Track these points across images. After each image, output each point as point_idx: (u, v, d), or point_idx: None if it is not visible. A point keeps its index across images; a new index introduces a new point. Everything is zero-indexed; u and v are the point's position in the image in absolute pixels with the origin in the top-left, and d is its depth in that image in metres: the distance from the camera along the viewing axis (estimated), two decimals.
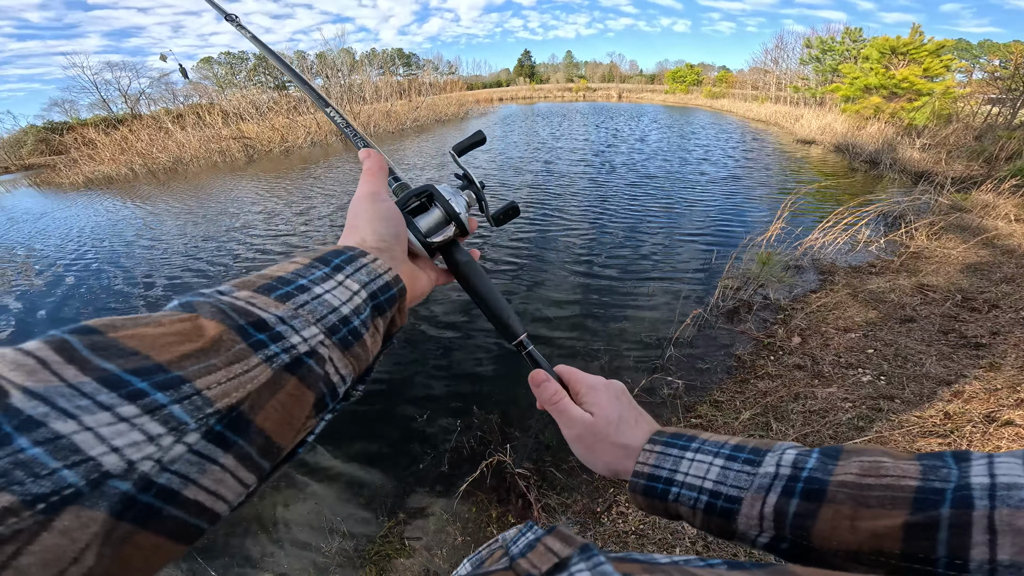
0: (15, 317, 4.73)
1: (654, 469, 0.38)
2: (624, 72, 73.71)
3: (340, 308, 0.29)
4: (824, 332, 3.02)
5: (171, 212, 8.57)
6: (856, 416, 2.15)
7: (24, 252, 7.06)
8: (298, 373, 0.25)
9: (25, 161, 28.45)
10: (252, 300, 0.26)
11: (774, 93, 28.40)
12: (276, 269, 0.30)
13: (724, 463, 0.35)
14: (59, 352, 0.18)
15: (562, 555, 0.31)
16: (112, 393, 0.18)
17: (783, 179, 8.54)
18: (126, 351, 0.20)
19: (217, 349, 0.22)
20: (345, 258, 0.32)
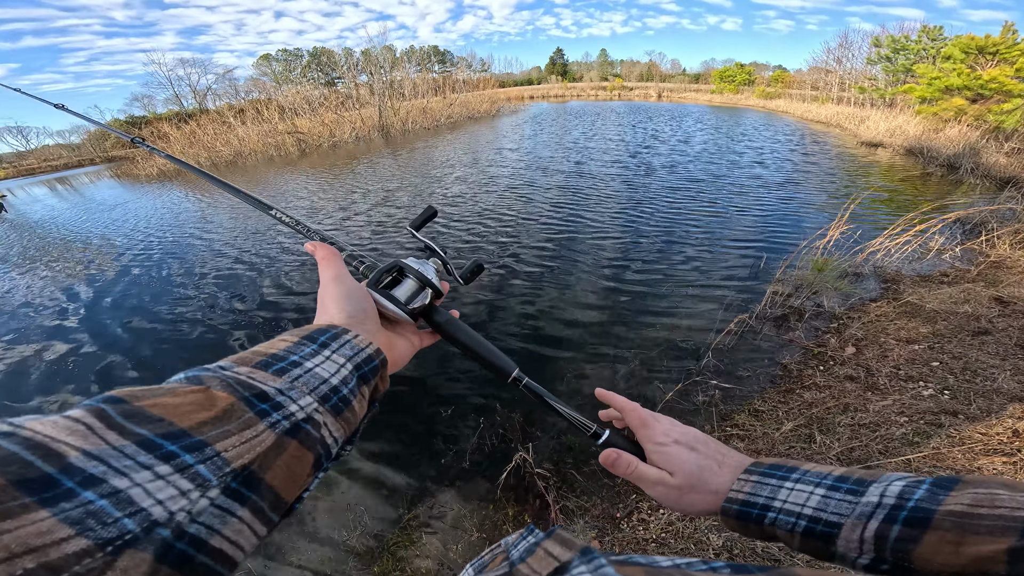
0: (84, 305, 5.30)
1: (749, 496, 0.42)
2: (664, 71, 72.87)
3: (330, 379, 0.34)
4: (883, 343, 2.88)
5: (227, 206, 9.48)
6: (912, 431, 2.04)
7: (99, 241, 7.96)
8: (298, 437, 0.30)
9: (108, 153, 32.40)
10: (252, 375, 0.30)
11: (836, 94, 27.63)
12: (268, 347, 0.35)
13: (825, 492, 0.39)
14: (100, 419, 0.22)
15: (562, 559, 0.34)
16: (149, 454, 0.22)
17: (844, 182, 8.15)
18: (153, 417, 0.24)
19: (229, 417, 0.27)
20: (330, 335, 0.37)
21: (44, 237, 9.04)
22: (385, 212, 7.57)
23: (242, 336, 4.09)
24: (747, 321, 3.46)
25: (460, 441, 2.67)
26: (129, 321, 4.65)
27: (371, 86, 25.83)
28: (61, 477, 0.19)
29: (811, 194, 7.41)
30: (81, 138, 37.55)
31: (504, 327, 3.82)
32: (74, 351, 4.18)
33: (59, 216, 11.47)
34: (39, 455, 0.20)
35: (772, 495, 0.41)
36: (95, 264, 6.61)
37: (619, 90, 49.58)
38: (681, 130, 15.99)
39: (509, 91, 51.92)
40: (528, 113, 27.82)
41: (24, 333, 4.68)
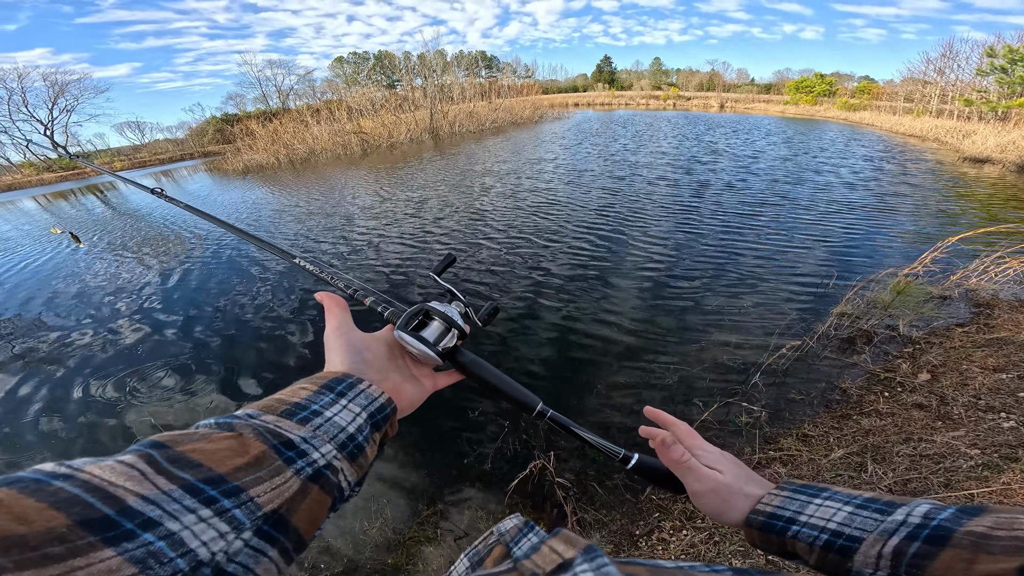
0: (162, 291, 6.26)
1: (776, 509, 0.49)
2: (729, 81, 73.84)
3: (347, 427, 0.41)
4: (964, 370, 2.86)
5: (302, 201, 10.89)
6: (982, 464, 2.05)
7: (187, 233, 9.11)
8: (320, 482, 0.36)
9: (205, 148, 37.42)
10: (279, 424, 0.36)
11: (935, 106, 27.46)
12: (291, 395, 0.41)
13: (853, 510, 0.45)
14: (150, 464, 0.28)
15: (566, 556, 0.38)
16: (194, 498, 0.27)
17: (943, 201, 8.02)
18: (194, 463, 0.29)
19: (261, 464, 0.32)
20: (346, 385, 0.44)
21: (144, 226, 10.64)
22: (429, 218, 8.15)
23: (295, 332, 4.60)
24: (807, 342, 3.53)
25: (484, 443, 2.91)
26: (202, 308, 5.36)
27: (424, 89, 28.99)
28: (121, 519, 0.24)
29: (900, 212, 7.31)
30: (185, 133, 44.23)
31: (536, 338, 4.05)
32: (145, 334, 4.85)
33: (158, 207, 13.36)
34: (99, 497, 0.24)
35: (800, 509, 0.48)
36: (178, 255, 7.67)
37: (674, 99, 50.51)
38: (745, 140, 16.13)
39: (553, 98, 54.46)
40: (572, 121, 29.10)
41: (105, 313, 5.52)
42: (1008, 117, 17.38)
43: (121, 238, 9.50)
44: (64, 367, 4.35)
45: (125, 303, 5.76)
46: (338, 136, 21.83)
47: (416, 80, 33.05)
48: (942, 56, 29.52)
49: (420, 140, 22.73)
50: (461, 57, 49.40)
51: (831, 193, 8.71)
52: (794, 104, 41.40)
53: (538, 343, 3.97)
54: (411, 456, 2.89)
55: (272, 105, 46.08)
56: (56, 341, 4.90)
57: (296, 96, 47.54)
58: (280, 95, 47.86)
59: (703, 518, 2.23)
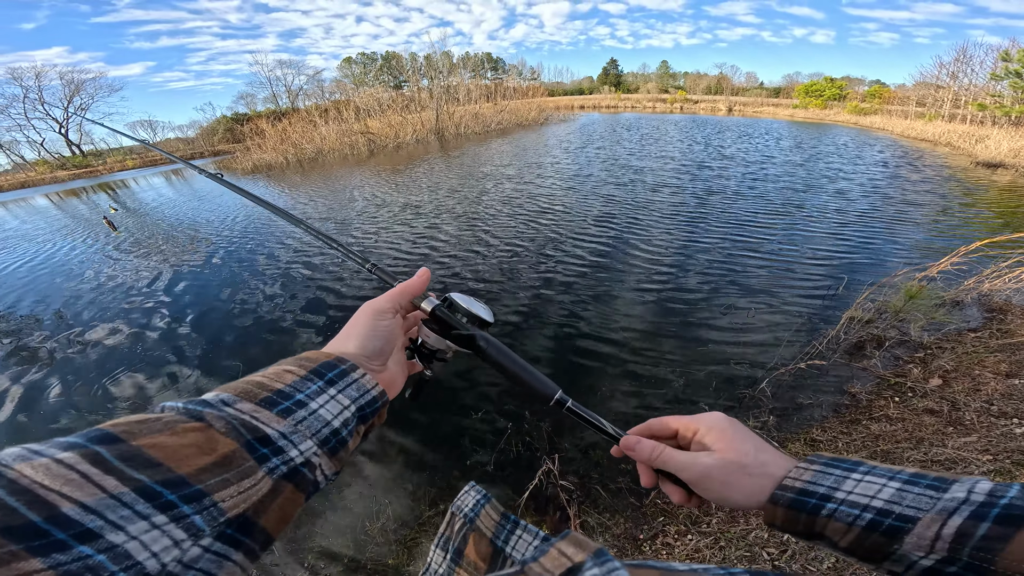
0: (173, 284, 6.33)
1: (808, 485, 0.42)
2: (737, 84, 73.48)
3: (332, 422, 0.38)
4: (977, 375, 2.82)
5: (309, 201, 11.04)
6: (993, 471, 2.02)
7: (195, 230, 9.28)
8: (294, 480, 0.34)
9: (215, 147, 38.32)
10: (256, 414, 0.34)
11: (948, 110, 27.41)
12: (274, 378, 0.38)
13: (901, 486, 0.39)
14: (95, 464, 0.24)
15: (575, 560, 0.36)
16: (148, 504, 0.25)
17: (955, 205, 7.93)
18: (152, 461, 0.26)
19: (229, 464, 0.30)
20: (338, 372, 0.42)
21: (154, 223, 10.89)
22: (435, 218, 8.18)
23: (303, 319, 4.62)
24: (816, 346, 3.50)
25: (486, 444, 2.90)
26: (211, 301, 5.43)
27: (431, 90, 29.36)
28: (50, 527, 0.21)
29: (911, 216, 7.23)
30: (196, 132, 45.42)
31: (538, 341, 4.04)
32: (155, 327, 4.92)
33: (169, 203, 13.83)
34: (24, 501, 0.21)
35: (836, 485, 0.42)
36: (189, 251, 7.81)
37: (681, 102, 50.38)
38: (754, 144, 16.05)
39: (558, 100, 54.58)
40: (577, 123, 29.17)
41: (120, 306, 5.61)
42: (1022, 122, 17.16)
43: (140, 235, 9.62)
44: (72, 362, 4.40)
45: (136, 298, 5.83)
46: (345, 136, 22.17)
47: (422, 81, 33.56)
48: (956, 60, 29.48)
49: (426, 141, 22.94)
50: (467, 59, 50.35)
51: (841, 197, 8.64)
52: (803, 108, 41.16)
53: (540, 346, 3.96)
54: (413, 457, 2.88)
55: (282, 105, 46.95)
56: (69, 336, 4.96)
57: (305, 96, 48.40)
58: (290, 95, 48.81)
59: (708, 522, 2.21)
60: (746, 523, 2.12)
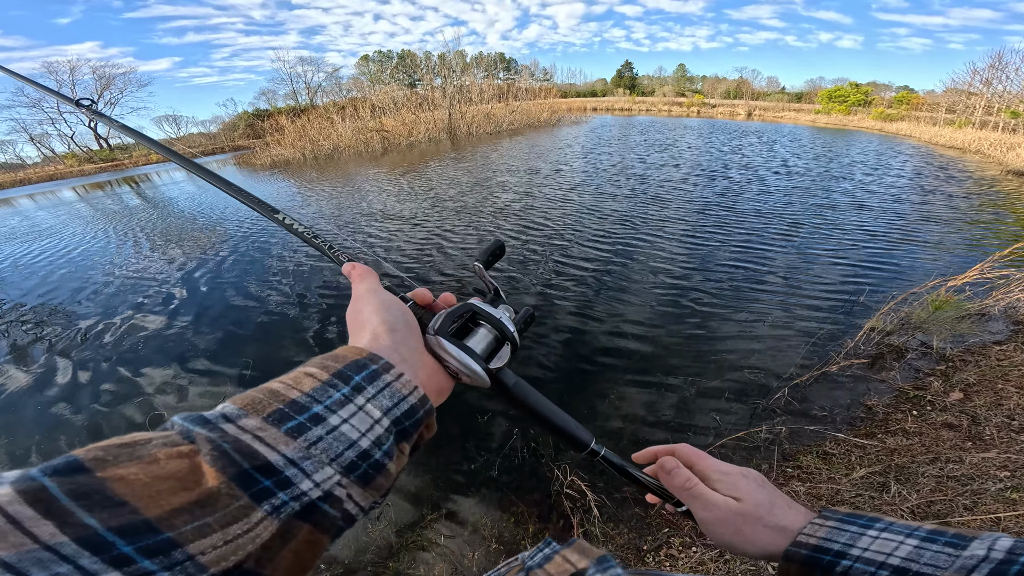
0: (194, 277, 6.49)
1: (823, 541, 0.42)
2: (758, 89, 72.45)
3: (359, 441, 0.30)
4: (1000, 390, 2.73)
5: (324, 197, 11.20)
6: (1011, 487, 1.95)
7: (211, 226, 9.42)
8: (312, 520, 0.27)
9: (235, 143, 38.96)
10: (260, 434, 0.27)
11: (979, 117, 26.87)
12: (291, 384, 0.32)
13: (919, 543, 0.38)
14: (34, 504, 0.19)
15: (579, 566, 0.36)
16: (95, 557, 0.19)
17: (985, 214, 7.69)
18: (113, 500, 0.21)
19: (214, 504, 0.23)
20: (367, 375, 0.34)
21: (175, 216, 11.19)
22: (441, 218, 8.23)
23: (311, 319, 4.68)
24: (834, 356, 3.42)
25: (491, 449, 2.88)
26: (225, 294, 5.53)
27: (444, 89, 29.64)
28: None
29: (938, 225, 7.04)
30: (217, 128, 45.87)
31: (546, 343, 4.01)
32: (172, 321, 5.02)
33: (188, 197, 14.10)
34: None
35: (851, 542, 0.41)
36: (207, 247, 7.94)
37: (699, 106, 49.88)
38: (771, 147, 15.80)
39: (571, 102, 54.56)
40: (589, 125, 29.13)
41: (135, 299, 5.75)
42: None
43: (153, 228, 9.85)
44: (80, 355, 4.52)
45: (147, 293, 5.96)
46: (361, 134, 22.39)
47: (436, 80, 33.74)
48: (990, 67, 28.91)
49: (438, 139, 23.13)
50: (480, 58, 50.79)
51: (863, 204, 8.45)
52: (826, 114, 40.49)
53: (548, 348, 3.93)
54: (416, 458, 2.88)
55: (301, 101, 47.53)
56: (83, 328, 5.10)
57: (324, 93, 49.13)
58: (309, 92, 49.46)
59: None
60: None
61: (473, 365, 0.43)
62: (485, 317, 0.48)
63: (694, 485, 0.50)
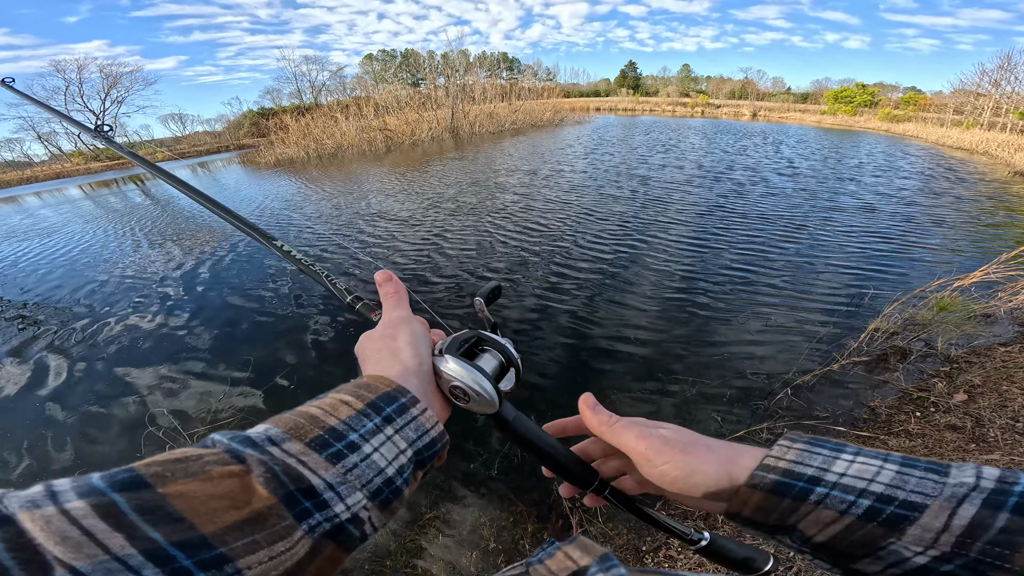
0: (192, 278, 6.55)
1: (793, 464, 0.36)
2: (763, 89, 72.16)
3: (386, 469, 0.34)
4: (1004, 391, 2.71)
5: (327, 197, 11.23)
6: None
7: (211, 225, 9.36)
8: (337, 539, 0.30)
9: (240, 141, 39.28)
10: (303, 458, 0.30)
11: (987, 118, 26.77)
12: (329, 410, 0.34)
13: (899, 468, 0.33)
14: (105, 517, 0.21)
15: (580, 563, 0.35)
16: (157, 569, 0.21)
17: (992, 215, 7.65)
18: (173, 516, 0.23)
19: (263, 522, 0.26)
20: (398, 407, 0.37)
21: (177, 215, 11.25)
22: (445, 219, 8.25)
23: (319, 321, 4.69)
24: (837, 358, 3.40)
25: (490, 448, 2.88)
26: (229, 295, 5.58)
27: (447, 88, 29.74)
28: None
29: (945, 226, 7.00)
30: (223, 126, 46.41)
31: (546, 343, 4.01)
32: (173, 321, 5.04)
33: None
34: (20, 560, 0.19)
35: (825, 466, 0.35)
36: (209, 244, 8.03)
37: (703, 107, 49.72)
38: (777, 148, 15.73)
39: (574, 101, 54.55)
40: (592, 125, 29.11)
41: (139, 298, 5.77)
42: None
43: (154, 227, 9.92)
44: (88, 353, 4.55)
45: (145, 292, 6.00)
46: (364, 133, 22.49)
47: (439, 79, 33.89)
48: (999, 68, 28.82)
49: (441, 139, 23.22)
50: (483, 58, 50.89)
51: (870, 205, 8.40)
52: (832, 114, 40.30)
53: (548, 349, 3.92)
54: None
55: (306, 100, 47.88)
56: (88, 326, 5.14)
57: (328, 92, 49.32)
58: (313, 90, 49.68)
59: None
60: (752, 539, 2.06)
61: (485, 384, 0.44)
62: (491, 343, 0.49)
63: (617, 420, 0.45)
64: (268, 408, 3.39)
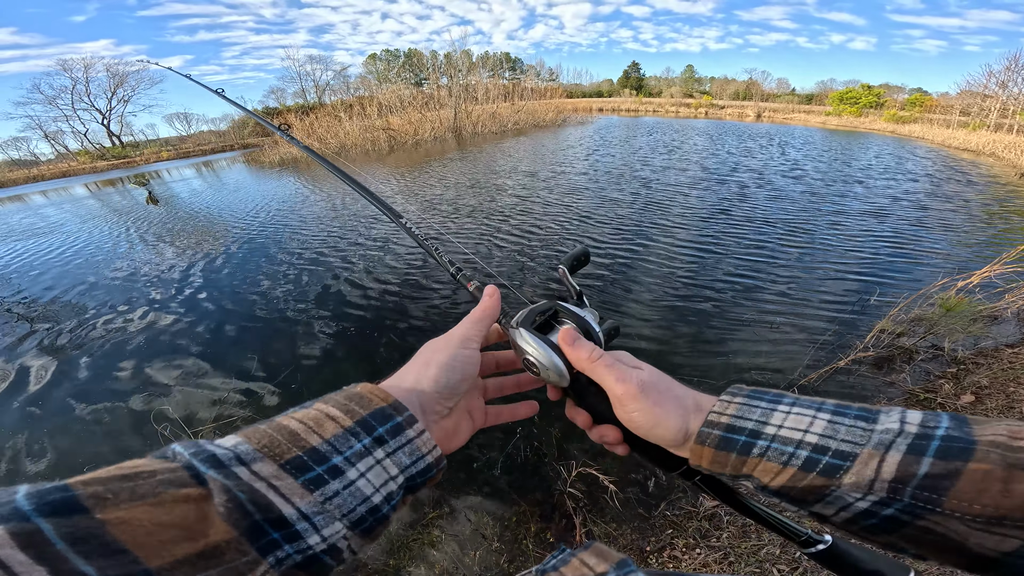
0: (197, 276, 6.58)
1: (734, 419, 0.37)
2: (768, 90, 71.93)
3: (372, 497, 0.30)
4: (1012, 393, 2.70)
5: (327, 197, 11.25)
6: None
7: (216, 222, 9.59)
8: (310, 570, 0.27)
9: (244, 141, 39.81)
10: (276, 483, 0.26)
11: (994, 120, 26.67)
12: (311, 428, 0.30)
13: (831, 418, 0.34)
14: (26, 547, 0.18)
15: (597, 570, 0.34)
16: None
17: (998, 216, 7.60)
18: (111, 547, 0.20)
19: (220, 557, 0.23)
20: (390, 428, 0.33)
21: (184, 214, 11.28)
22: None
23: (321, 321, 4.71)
24: (842, 358, 3.38)
25: (494, 447, 2.87)
26: (235, 293, 5.60)
27: (450, 88, 29.76)
28: None
29: (951, 227, 6.95)
30: (227, 125, 46.79)
31: None
32: (176, 319, 5.06)
33: (199, 194, 14.26)
34: None
35: (763, 419, 0.37)
36: (219, 241, 8.08)
37: (706, 107, 49.56)
38: (780, 147, 15.68)
39: (577, 102, 54.47)
40: (595, 125, 29.10)
41: (137, 298, 5.79)
42: None
43: (160, 225, 9.97)
44: (93, 351, 4.57)
45: (160, 287, 6.04)
46: (367, 132, 22.56)
47: (442, 79, 34.03)
48: (1006, 69, 28.75)
49: (443, 139, 23.23)
50: (486, 58, 50.95)
51: (876, 205, 8.36)
52: (836, 115, 40.16)
53: None
54: None
55: (310, 100, 48.13)
56: (83, 323, 5.16)
57: (332, 92, 49.59)
58: (317, 90, 49.99)
59: (718, 536, 2.13)
60: (758, 538, 2.04)
61: (554, 358, 0.43)
62: (570, 316, 0.47)
63: (600, 356, 0.44)
64: (268, 408, 3.39)
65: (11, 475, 2.98)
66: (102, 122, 41.83)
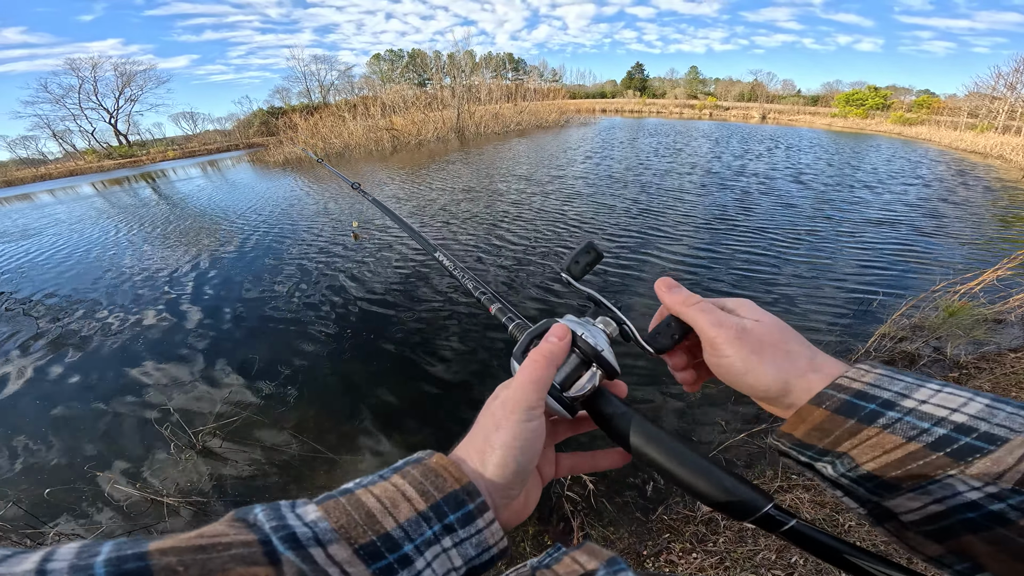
0: (200, 279, 6.64)
1: (868, 387, 0.34)
2: (773, 91, 71.70)
3: None
4: (1015, 398, 2.67)
5: (329, 198, 11.27)
6: None
7: (222, 222, 9.62)
8: None
9: (250, 140, 40.25)
10: (349, 569, 0.27)
11: (1002, 122, 26.54)
12: (387, 508, 0.31)
13: (990, 402, 0.31)
14: None
15: (587, 568, 0.34)
16: None
17: (1004, 219, 7.56)
18: None
19: None
20: (462, 516, 0.33)
21: (188, 212, 11.43)
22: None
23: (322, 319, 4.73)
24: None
25: None
26: (239, 293, 5.62)
27: (453, 88, 29.97)
28: None
29: (956, 230, 6.91)
30: (233, 125, 47.52)
31: None
32: (176, 319, 5.11)
33: (201, 193, 14.51)
34: None
35: (905, 391, 0.33)
36: (220, 240, 8.14)
37: (711, 109, 49.47)
38: (783, 150, 15.61)
39: (580, 103, 54.61)
40: (598, 126, 29.12)
41: (153, 294, 5.86)
42: None
43: (166, 224, 10.03)
44: (99, 351, 4.61)
45: (169, 286, 6.09)
46: (371, 132, 22.77)
47: (445, 79, 34.27)
48: (1015, 71, 28.53)
49: (446, 139, 23.35)
50: (489, 58, 51.20)
51: (880, 208, 8.32)
52: (843, 117, 39.99)
53: None
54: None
55: (314, 99, 48.65)
56: (89, 323, 5.21)
57: (336, 91, 50.15)
58: (322, 90, 50.58)
59: (715, 541, 2.12)
60: (754, 543, 2.04)
61: (550, 399, 0.39)
62: (573, 337, 0.42)
63: (697, 301, 0.43)
64: (269, 406, 3.40)
65: (11, 474, 3.01)
66: (109, 121, 42.23)
